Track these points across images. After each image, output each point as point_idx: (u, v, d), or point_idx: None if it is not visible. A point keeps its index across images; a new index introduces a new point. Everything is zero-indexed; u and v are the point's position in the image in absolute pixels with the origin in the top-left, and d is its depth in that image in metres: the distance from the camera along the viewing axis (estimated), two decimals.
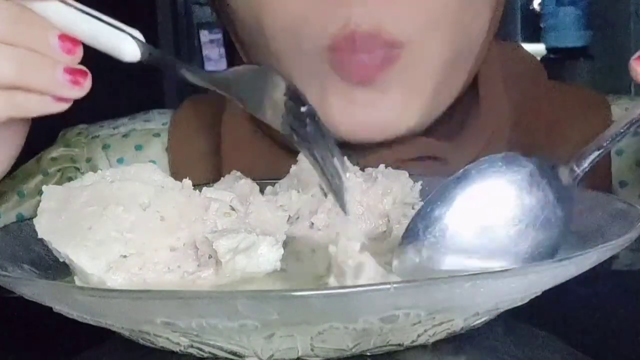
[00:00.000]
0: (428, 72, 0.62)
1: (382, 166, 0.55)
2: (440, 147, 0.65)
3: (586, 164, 0.47)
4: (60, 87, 0.46)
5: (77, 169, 0.74)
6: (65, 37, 0.45)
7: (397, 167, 0.62)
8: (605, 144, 0.46)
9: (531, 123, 0.71)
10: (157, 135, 0.76)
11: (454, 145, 0.66)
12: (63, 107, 0.47)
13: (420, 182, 0.54)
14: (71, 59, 0.46)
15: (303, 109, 0.44)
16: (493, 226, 0.46)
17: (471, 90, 0.68)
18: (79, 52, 0.46)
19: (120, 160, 0.75)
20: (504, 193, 0.47)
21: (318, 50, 0.61)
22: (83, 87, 0.46)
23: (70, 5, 0.46)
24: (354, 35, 0.59)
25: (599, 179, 0.69)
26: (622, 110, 0.71)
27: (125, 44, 0.46)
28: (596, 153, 0.47)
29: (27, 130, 0.53)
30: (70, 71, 0.46)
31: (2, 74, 0.45)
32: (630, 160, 0.70)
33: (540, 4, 2.53)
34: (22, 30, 0.45)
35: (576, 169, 0.47)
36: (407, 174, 0.54)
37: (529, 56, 0.78)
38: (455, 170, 0.51)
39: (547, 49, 2.31)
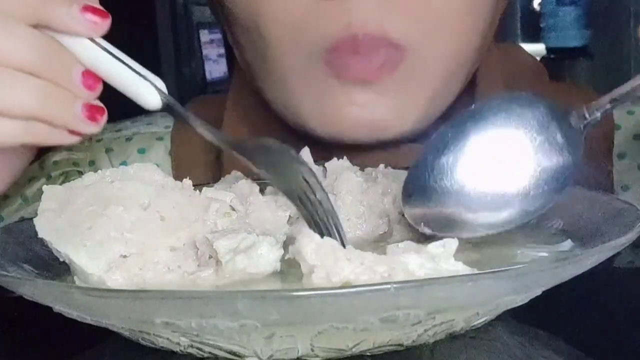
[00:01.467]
0: (428, 77, 0.62)
1: (381, 166, 0.55)
2: None
3: (598, 113, 0.47)
4: (78, 123, 0.46)
5: (80, 172, 0.74)
6: (88, 73, 0.46)
7: None
8: (618, 97, 0.47)
9: None
10: (160, 138, 0.76)
11: None
12: (76, 140, 0.47)
13: None
14: (90, 95, 0.46)
15: (318, 195, 0.45)
16: (502, 165, 0.47)
17: (468, 94, 0.68)
18: (99, 89, 0.46)
19: (123, 164, 0.75)
20: (514, 132, 0.47)
21: (316, 52, 0.60)
22: (99, 124, 0.47)
23: (99, 46, 0.46)
24: (356, 37, 0.59)
25: (601, 182, 0.69)
26: (623, 112, 0.71)
27: (147, 93, 0.46)
28: (609, 105, 0.47)
29: (36, 148, 0.54)
30: (89, 107, 0.46)
31: (25, 104, 0.45)
32: (633, 164, 0.70)
33: (540, 4, 2.53)
34: (48, 62, 0.45)
35: (587, 115, 0.47)
36: (407, 174, 0.54)
37: (529, 57, 0.78)
38: None
39: (547, 49, 2.31)
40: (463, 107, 0.67)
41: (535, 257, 0.47)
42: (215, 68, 2.75)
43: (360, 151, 0.64)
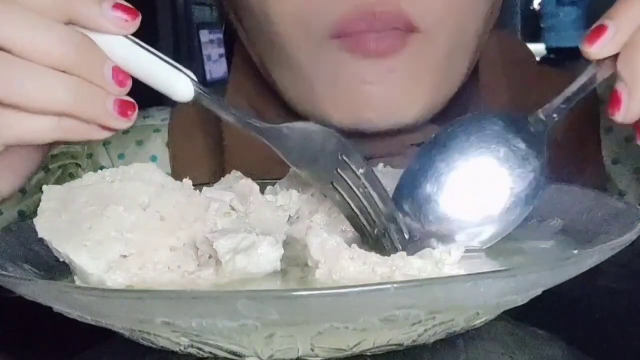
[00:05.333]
0: (437, 59, 0.63)
1: (380, 165, 0.55)
2: None
3: (554, 115, 0.49)
4: (109, 118, 0.46)
5: (78, 165, 0.74)
6: (118, 70, 0.46)
7: (402, 153, 0.63)
8: (571, 96, 0.49)
9: (524, 105, 0.71)
10: (157, 130, 0.76)
11: None
12: (107, 135, 0.47)
13: None
14: (121, 91, 0.46)
15: (361, 170, 0.47)
16: (474, 183, 0.49)
17: (472, 78, 0.68)
18: (129, 85, 0.47)
19: (121, 156, 0.75)
20: (477, 154, 0.49)
21: (325, 32, 0.61)
22: (130, 119, 0.47)
23: (130, 40, 0.47)
24: (372, 14, 0.59)
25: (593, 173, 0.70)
26: (606, 88, 0.72)
27: (181, 84, 0.47)
28: (563, 106, 0.49)
29: (49, 149, 0.54)
30: (120, 103, 0.46)
31: (58, 100, 0.45)
32: (627, 169, 0.70)
33: (540, 4, 2.53)
34: (80, 59, 0.45)
35: (544, 118, 0.49)
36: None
37: (521, 43, 0.80)
38: None
39: (547, 49, 2.31)
40: (468, 93, 0.68)
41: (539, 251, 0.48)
42: (216, 68, 2.75)
43: (366, 137, 0.64)
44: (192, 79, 0.47)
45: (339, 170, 0.47)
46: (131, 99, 0.47)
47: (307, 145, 0.47)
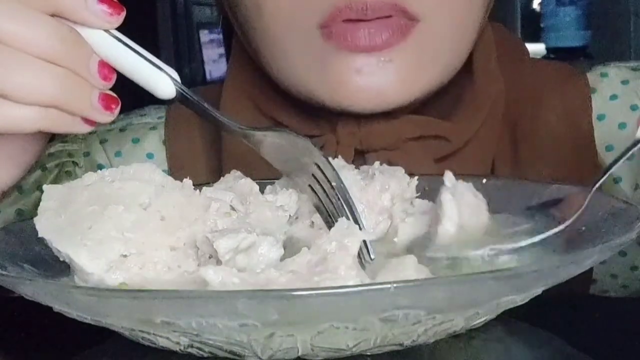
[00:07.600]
0: (439, 48, 0.63)
1: (377, 163, 0.55)
2: (440, 126, 0.66)
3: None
4: (93, 111, 0.47)
5: (75, 163, 0.75)
6: (103, 64, 0.47)
7: (399, 147, 0.64)
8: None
9: (517, 96, 0.72)
10: (154, 128, 0.76)
11: (453, 123, 0.67)
12: (89, 129, 0.48)
13: (416, 178, 0.54)
14: (105, 85, 0.47)
15: (334, 183, 0.47)
16: None
17: (465, 65, 0.68)
18: (114, 79, 0.48)
19: (118, 154, 0.76)
20: None
21: (314, 23, 0.61)
22: (113, 113, 0.48)
23: (115, 38, 0.47)
24: (364, 3, 0.59)
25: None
26: (597, 76, 0.73)
27: (162, 83, 0.48)
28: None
29: (47, 140, 0.54)
30: (104, 97, 0.47)
31: (44, 91, 0.46)
32: (613, 124, 0.71)
33: (540, 4, 2.53)
34: (67, 51, 0.46)
35: None
36: (403, 170, 0.54)
37: (513, 35, 0.80)
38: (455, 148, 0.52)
39: (547, 49, 2.31)
40: (461, 80, 0.68)
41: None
42: (215, 68, 2.75)
43: (365, 122, 0.64)
44: (172, 78, 0.48)
45: (315, 175, 0.47)
46: (114, 94, 0.48)
47: (285, 152, 0.48)
